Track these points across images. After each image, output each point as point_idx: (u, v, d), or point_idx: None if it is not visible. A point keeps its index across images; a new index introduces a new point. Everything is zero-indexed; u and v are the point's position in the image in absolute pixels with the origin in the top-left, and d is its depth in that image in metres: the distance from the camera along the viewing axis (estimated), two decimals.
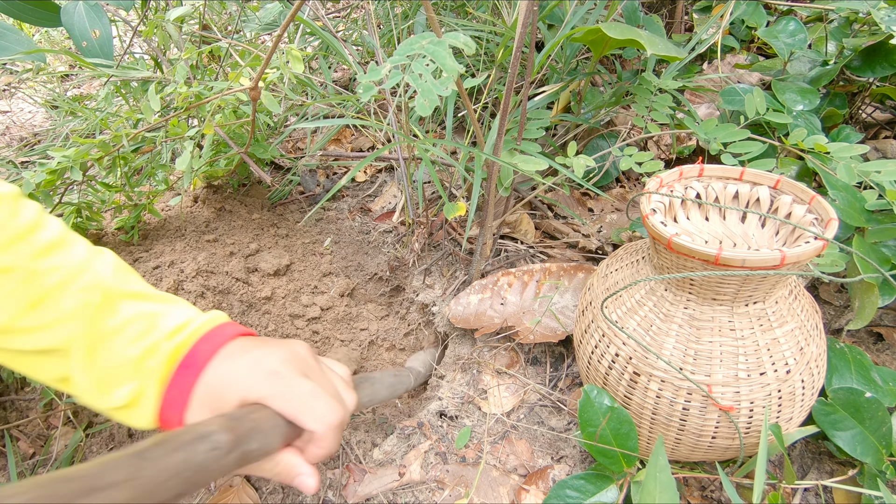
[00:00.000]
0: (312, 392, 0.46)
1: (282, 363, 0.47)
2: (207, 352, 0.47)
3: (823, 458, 0.68)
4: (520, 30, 0.66)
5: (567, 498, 0.60)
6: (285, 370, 0.47)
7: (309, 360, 0.50)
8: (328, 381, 0.50)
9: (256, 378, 0.46)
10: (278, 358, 0.47)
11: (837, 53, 0.94)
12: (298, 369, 0.48)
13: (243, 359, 0.47)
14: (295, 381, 0.46)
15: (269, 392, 0.45)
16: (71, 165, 0.84)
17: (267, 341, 0.50)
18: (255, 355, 0.47)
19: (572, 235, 1.02)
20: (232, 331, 0.50)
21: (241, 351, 0.48)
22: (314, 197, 1.26)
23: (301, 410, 0.45)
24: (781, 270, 0.50)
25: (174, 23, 0.96)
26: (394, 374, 0.75)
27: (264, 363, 0.46)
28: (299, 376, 0.47)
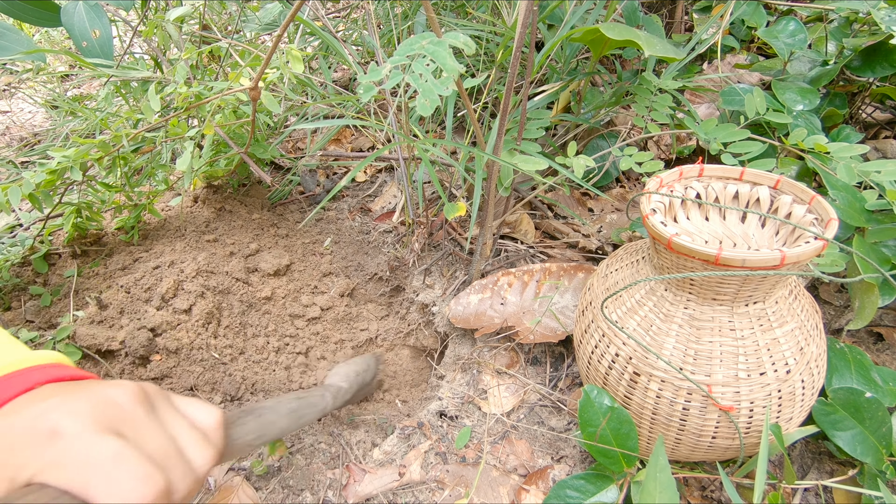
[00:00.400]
0: (114, 456, 0.33)
1: (71, 417, 0.33)
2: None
3: (823, 458, 0.68)
4: (520, 30, 0.66)
5: (567, 498, 0.60)
6: (74, 426, 0.33)
7: (128, 407, 0.36)
8: (160, 441, 0.37)
9: (30, 442, 0.32)
10: (67, 410, 0.34)
11: (837, 53, 0.94)
12: (101, 424, 0.34)
13: (22, 414, 0.34)
14: (85, 442, 0.33)
15: (43, 462, 0.32)
16: (71, 165, 0.84)
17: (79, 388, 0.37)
18: (39, 409, 0.34)
19: (572, 235, 1.02)
20: (40, 376, 0.38)
21: (25, 405, 0.35)
22: (314, 197, 1.26)
23: (90, 484, 0.31)
24: (781, 270, 0.50)
25: (174, 23, 0.96)
26: (297, 397, 0.63)
27: (45, 420, 0.33)
28: (97, 434, 0.33)
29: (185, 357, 0.84)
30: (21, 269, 0.99)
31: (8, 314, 0.91)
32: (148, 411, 0.38)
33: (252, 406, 0.56)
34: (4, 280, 0.95)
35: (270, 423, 0.55)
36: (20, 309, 0.92)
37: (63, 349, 0.81)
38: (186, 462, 0.38)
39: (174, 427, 0.39)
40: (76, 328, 0.83)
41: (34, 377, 0.38)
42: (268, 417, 0.55)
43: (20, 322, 0.89)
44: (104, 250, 1.00)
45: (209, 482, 0.72)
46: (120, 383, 0.38)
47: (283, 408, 0.59)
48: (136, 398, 0.38)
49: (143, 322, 0.84)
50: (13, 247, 1.00)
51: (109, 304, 0.87)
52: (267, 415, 0.56)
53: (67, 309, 0.89)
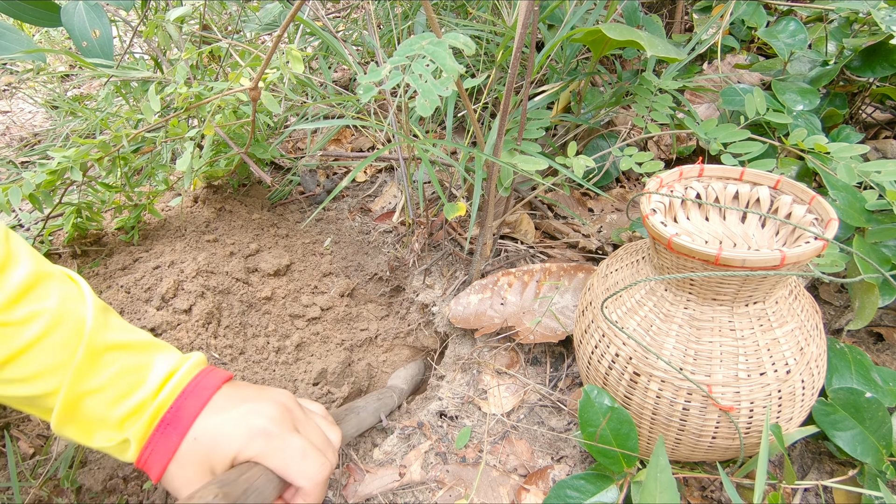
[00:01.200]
0: (302, 450, 0.49)
1: (271, 421, 0.49)
2: (193, 407, 0.48)
3: (823, 458, 0.68)
4: (520, 30, 0.66)
5: (567, 498, 0.60)
6: (275, 428, 0.48)
7: (296, 412, 0.52)
8: (316, 432, 0.52)
9: (247, 437, 0.47)
10: (267, 416, 0.49)
11: (837, 53, 0.94)
12: (288, 425, 0.50)
13: (231, 414, 0.48)
14: (285, 439, 0.48)
15: (261, 451, 0.47)
16: (71, 166, 0.84)
17: (249, 391, 0.51)
18: (243, 411, 0.49)
19: (572, 235, 1.02)
20: (214, 380, 0.51)
21: (228, 405, 0.49)
22: (314, 197, 1.26)
23: (292, 469, 0.48)
24: (781, 271, 0.50)
25: (174, 23, 0.96)
26: (377, 397, 0.77)
27: (254, 422, 0.48)
28: (289, 433, 0.49)
29: None
30: None
31: None
32: (304, 411, 0.54)
33: (351, 405, 0.71)
34: None
35: (363, 420, 0.70)
36: None
37: None
38: (332, 444, 0.54)
39: (319, 422, 0.55)
40: None
41: (212, 381, 0.50)
42: (362, 416, 0.70)
43: None
44: (104, 250, 1.00)
45: None
46: (280, 391, 0.53)
47: (371, 407, 0.74)
48: (295, 402, 0.53)
49: (143, 322, 0.84)
50: None
51: (109, 304, 0.87)
52: (362, 413, 0.70)
53: None
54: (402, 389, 0.88)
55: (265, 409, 0.49)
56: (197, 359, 0.53)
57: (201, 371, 0.51)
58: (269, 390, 0.53)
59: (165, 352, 0.52)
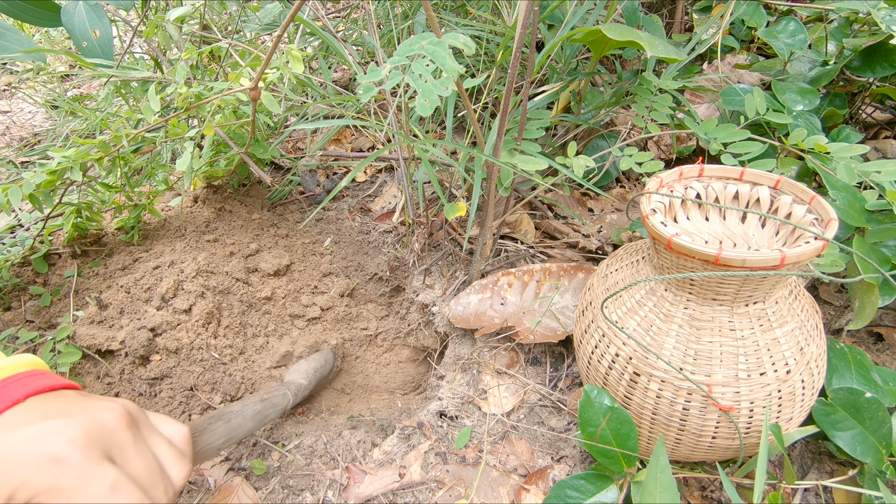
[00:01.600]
0: (112, 486, 0.36)
1: (71, 445, 0.36)
2: None
3: (823, 458, 0.68)
4: (520, 30, 0.66)
5: (567, 498, 0.60)
6: (73, 455, 0.36)
7: (118, 433, 0.39)
8: (145, 462, 0.40)
9: (32, 467, 0.35)
10: (68, 437, 0.36)
11: (837, 53, 0.94)
12: (96, 450, 0.37)
13: (19, 435, 0.36)
14: (87, 470, 0.36)
15: (48, 487, 0.35)
16: (71, 166, 0.84)
17: (66, 404, 0.39)
18: (35, 431, 0.36)
19: (572, 235, 1.02)
20: (23, 388, 0.39)
21: (25, 421, 0.37)
22: (314, 197, 1.26)
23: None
24: (781, 271, 0.50)
25: (174, 23, 0.96)
26: (261, 398, 0.68)
27: (46, 445, 0.35)
28: (95, 462, 0.36)
29: (185, 357, 0.84)
30: (21, 269, 0.99)
31: (8, 314, 0.91)
32: (134, 434, 0.40)
33: (221, 411, 0.59)
34: (4, 280, 0.95)
35: (238, 427, 0.60)
36: (20, 309, 0.92)
37: (63, 349, 0.81)
38: (167, 479, 0.41)
39: (155, 447, 0.42)
40: (76, 328, 0.83)
41: (19, 389, 0.39)
42: (235, 421, 0.59)
43: (20, 322, 0.89)
44: (104, 250, 1.00)
45: (209, 482, 0.72)
46: (107, 405, 0.40)
47: (249, 411, 0.63)
48: (123, 421, 0.40)
49: (143, 322, 0.84)
50: (13, 247, 1.00)
51: (109, 304, 0.87)
52: (235, 419, 0.59)
53: (67, 309, 0.89)
54: (301, 385, 0.78)
55: (67, 427, 0.36)
56: (18, 361, 0.42)
57: (14, 375, 0.40)
58: (96, 403, 0.40)
59: None
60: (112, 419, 0.39)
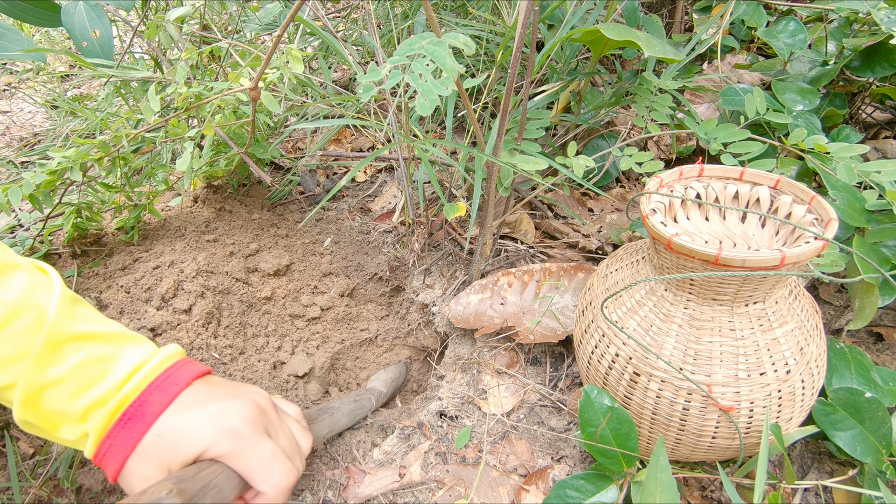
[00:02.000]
0: (272, 455, 0.47)
1: (243, 421, 0.46)
2: (161, 402, 0.46)
3: (823, 458, 0.68)
4: (520, 30, 0.66)
5: (567, 498, 0.60)
6: (246, 429, 0.46)
7: (269, 414, 0.50)
8: (287, 436, 0.50)
9: (216, 436, 0.45)
10: (239, 416, 0.47)
11: (837, 53, 0.94)
12: (260, 427, 0.47)
13: (201, 412, 0.46)
14: (255, 442, 0.46)
15: (228, 451, 0.45)
16: (71, 166, 0.84)
17: (224, 388, 0.49)
18: (213, 409, 0.46)
19: (572, 235, 1.02)
20: (187, 375, 0.48)
21: (199, 402, 0.47)
22: (314, 197, 1.26)
23: (259, 473, 0.46)
24: (781, 271, 0.50)
25: (174, 23, 0.96)
26: (354, 398, 0.76)
27: (224, 421, 0.46)
28: (260, 436, 0.47)
29: None
30: None
31: None
32: (278, 414, 0.51)
33: (325, 406, 0.69)
34: None
35: (337, 421, 0.68)
36: None
37: None
38: (301, 450, 0.53)
39: (291, 426, 0.53)
40: None
41: (184, 375, 0.48)
42: (336, 416, 0.68)
43: None
44: (104, 250, 1.00)
45: None
46: (257, 390, 0.51)
47: (346, 408, 0.72)
48: (270, 404, 0.51)
49: (143, 322, 0.84)
50: (13, 247, 1.00)
51: (109, 304, 0.87)
52: (336, 414, 0.68)
53: None
54: (381, 392, 0.86)
55: (238, 407, 0.47)
56: (171, 351, 0.50)
57: (174, 364, 0.49)
58: (245, 388, 0.51)
59: (137, 343, 0.49)
60: (264, 401, 0.50)
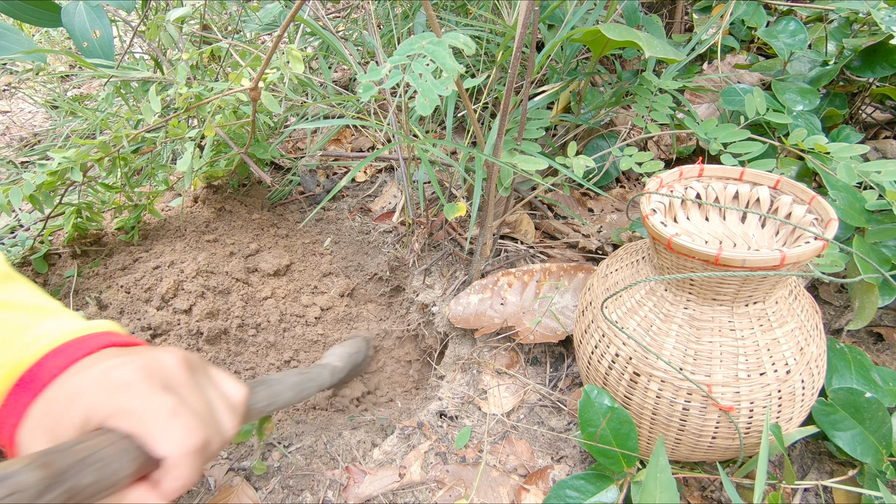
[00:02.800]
0: (171, 409, 0.39)
1: (135, 373, 0.40)
2: (57, 367, 0.41)
3: (823, 458, 0.68)
4: (520, 30, 0.66)
5: (567, 498, 0.60)
6: (139, 381, 0.39)
7: (176, 370, 0.43)
8: (198, 397, 0.43)
9: (102, 392, 0.39)
10: (133, 367, 0.40)
11: (837, 53, 0.94)
12: (157, 381, 0.41)
13: (92, 371, 0.40)
14: (148, 394, 0.39)
15: (115, 407, 0.38)
16: (71, 166, 0.84)
17: (136, 351, 0.44)
18: (106, 366, 0.40)
19: (572, 235, 1.02)
20: (99, 342, 0.44)
21: (95, 363, 0.41)
22: (314, 197, 1.26)
23: (151, 431, 0.38)
24: (781, 271, 0.50)
25: (174, 23, 0.96)
26: (299, 372, 0.70)
27: (114, 374, 0.40)
28: (156, 389, 0.40)
29: None
30: (21, 269, 0.99)
31: None
32: (190, 376, 0.44)
33: (263, 377, 0.62)
34: None
35: (278, 394, 0.62)
36: None
37: None
38: (218, 424, 0.44)
39: (209, 393, 0.45)
40: None
41: (96, 342, 0.43)
42: (276, 388, 0.62)
43: None
44: (104, 250, 1.00)
45: (209, 482, 0.72)
46: (169, 350, 0.44)
47: (289, 381, 0.65)
48: (182, 363, 0.44)
49: (143, 322, 0.84)
50: (13, 247, 1.00)
51: (109, 304, 0.87)
52: (276, 386, 0.62)
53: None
54: (336, 367, 0.80)
55: (134, 362, 0.41)
56: (95, 324, 0.45)
57: (91, 334, 0.44)
58: (154, 350, 0.44)
59: (63, 317, 0.45)
60: (171, 360, 0.43)
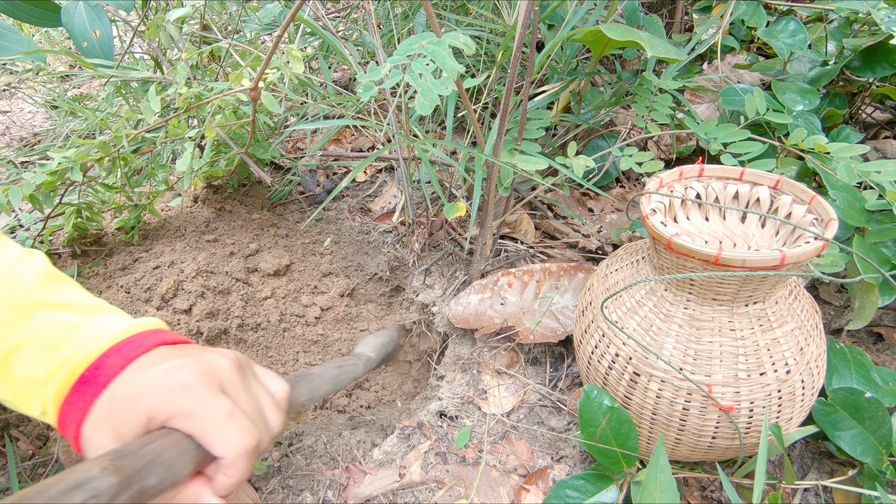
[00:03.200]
0: (228, 412, 0.41)
1: (196, 376, 0.42)
2: (116, 365, 0.42)
3: (823, 458, 0.68)
4: (520, 30, 0.66)
5: (567, 498, 0.60)
6: (199, 385, 0.41)
7: (230, 373, 0.45)
8: (250, 399, 0.45)
9: (166, 392, 0.40)
10: (193, 370, 0.42)
11: (837, 53, 0.94)
12: (214, 383, 0.43)
13: (154, 370, 0.42)
14: (209, 398, 0.41)
15: (178, 411, 0.40)
16: (71, 166, 0.84)
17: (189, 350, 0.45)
18: (167, 367, 0.42)
19: (572, 235, 1.02)
20: (152, 340, 0.45)
21: (156, 362, 0.43)
22: (314, 197, 1.26)
23: (211, 432, 0.40)
24: (781, 271, 0.50)
25: (174, 23, 0.96)
26: (337, 365, 0.72)
27: (176, 376, 0.41)
28: (214, 392, 0.42)
29: None
30: None
31: None
32: (242, 378, 0.46)
33: (304, 372, 0.64)
34: None
35: (318, 388, 0.64)
36: None
37: None
38: (267, 423, 0.46)
39: (258, 393, 0.47)
40: None
41: (149, 340, 0.45)
42: (317, 382, 0.64)
43: None
44: (104, 250, 1.00)
45: None
46: (221, 352, 0.46)
47: (328, 374, 0.68)
48: (234, 365, 0.46)
49: None
50: None
51: (109, 304, 0.87)
52: (315, 380, 0.64)
53: None
54: (370, 358, 0.82)
55: (192, 364, 0.42)
56: (144, 321, 0.47)
57: (143, 332, 0.46)
58: (213, 350, 0.46)
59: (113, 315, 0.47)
60: (225, 363, 0.45)
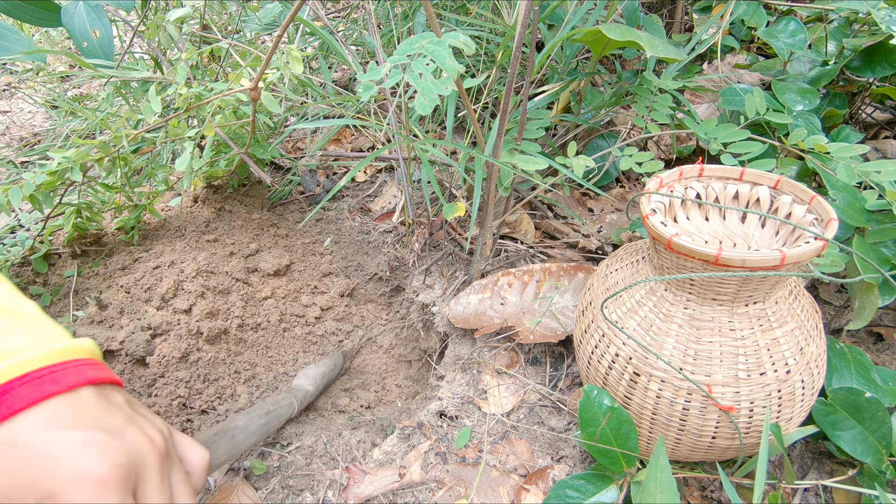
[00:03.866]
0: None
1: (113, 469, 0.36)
2: (27, 398, 0.36)
3: (823, 458, 0.68)
4: (520, 30, 0.66)
5: (567, 498, 0.60)
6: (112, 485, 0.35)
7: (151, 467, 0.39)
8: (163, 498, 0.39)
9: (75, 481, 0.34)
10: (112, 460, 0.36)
11: (837, 53, 0.94)
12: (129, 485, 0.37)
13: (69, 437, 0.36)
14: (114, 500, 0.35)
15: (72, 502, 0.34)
16: (71, 166, 0.84)
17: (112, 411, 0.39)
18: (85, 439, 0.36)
19: (572, 235, 1.02)
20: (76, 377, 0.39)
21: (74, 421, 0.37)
22: (314, 197, 1.26)
23: None
24: (781, 271, 0.50)
25: (174, 23, 0.96)
26: (267, 410, 0.68)
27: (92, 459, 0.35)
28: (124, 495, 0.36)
29: (184, 357, 0.84)
30: (21, 269, 0.99)
31: None
32: (162, 473, 0.40)
33: (225, 426, 0.58)
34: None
35: (241, 442, 0.59)
36: None
37: None
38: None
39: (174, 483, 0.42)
40: (76, 328, 0.83)
41: (74, 376, 0.39)
42: (239, 437, 0.58)
43: None
44: (104, 250, 1.00)
45: (209, 482, 0.72)
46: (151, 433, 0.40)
47: (254, 426, 0.62)
48: (158, 456, 0.40)
49: (143, 322, 0.84)
50: (13, 247, 1.00)
51: (109, 304, 0.87)
52: (238, 435, 0.58)
53: (67, 309, 0.89)
54: (308, 391, 0.77)
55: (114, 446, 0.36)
56: (71, 344, 0.41)
57: (68, 361, 0.40)
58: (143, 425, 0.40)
59: (38, 326, 0.41)
60: (152, 453, 0.39)
